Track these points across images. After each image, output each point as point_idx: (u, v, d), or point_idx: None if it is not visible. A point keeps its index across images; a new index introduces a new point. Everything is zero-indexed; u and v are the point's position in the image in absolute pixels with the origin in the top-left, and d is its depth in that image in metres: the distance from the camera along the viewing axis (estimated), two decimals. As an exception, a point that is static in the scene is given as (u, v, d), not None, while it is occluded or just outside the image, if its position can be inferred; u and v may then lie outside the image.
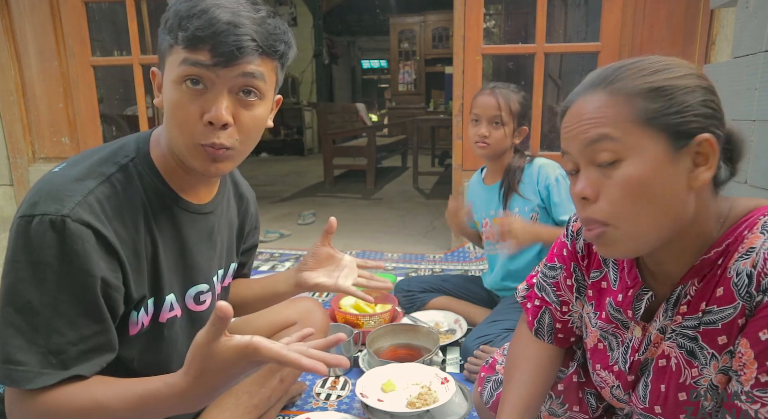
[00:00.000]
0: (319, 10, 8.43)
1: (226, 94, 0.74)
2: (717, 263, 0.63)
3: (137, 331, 0.83)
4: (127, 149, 0.82)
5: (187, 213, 0.87)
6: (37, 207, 0.70)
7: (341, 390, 1.44)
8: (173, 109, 0.75)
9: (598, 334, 0.81)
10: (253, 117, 0.78)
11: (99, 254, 0.71)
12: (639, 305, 0.72)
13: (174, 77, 0.74)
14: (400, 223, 3.59)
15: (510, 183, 1.66)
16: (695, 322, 0.65)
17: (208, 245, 0.93)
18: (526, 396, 0.86)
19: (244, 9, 0.73)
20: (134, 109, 3.36)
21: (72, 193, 0.72)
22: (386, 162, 6.18)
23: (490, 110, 1.60)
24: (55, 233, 0.68)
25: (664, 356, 0.69)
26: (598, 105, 0.62)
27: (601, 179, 0.63)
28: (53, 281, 0.69)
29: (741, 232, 0.62)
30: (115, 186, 0.77)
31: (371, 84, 12.33)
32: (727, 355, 0.62)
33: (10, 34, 3.01)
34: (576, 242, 0.84)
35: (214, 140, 0.75)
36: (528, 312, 0.93)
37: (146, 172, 0.81)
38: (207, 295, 0.95)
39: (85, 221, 0.70)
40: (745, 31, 1.63)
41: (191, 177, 0.86)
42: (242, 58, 0.72)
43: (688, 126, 0.60)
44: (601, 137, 0.61)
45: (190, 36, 0.70)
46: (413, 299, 1.89)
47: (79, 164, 0.77)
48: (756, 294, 0.57)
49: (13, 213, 0.72)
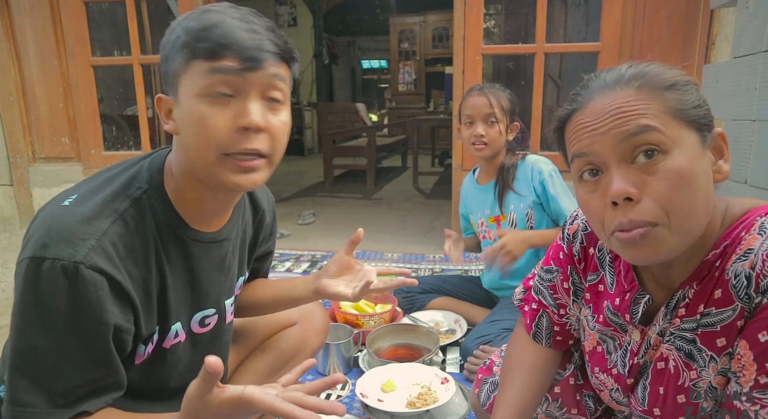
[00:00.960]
0: (319, 10, 8.43)
1: (256, 97, 0.73)
2: (714, 266, 0.63)
3: (142, 360, 0.82)
4: (140, 179, 0.79)
5: (200, 243, 0.85)
6: (48, 249, 0.67)
7: (341, 390, 1.44)
8: (199, 122, 0.72)
9: (597, 337, 0.80)
10: (282, 122, 0.77)
11: (112, 301, 0.70)
12: (636, 309, 0.72)
13: (199, 90, 0.71)
14: (400, 223, 3.59)
15: (504, 181, 1.67)
16: (693, 324, 0.64)
17: (219, 272, 0.91)
18: (520, 400, 0.85)
19: (254, 19, 0.74)
20: (134, 109, 3.36)
21: (85, 236, 0.69)
22: (386, 162, 6.18)
23: (483, 109, 1.62)
24: (67, 279, 0.66)
25: (663, 358, 0.69)
26: (631, 99, 0.60)
27: (641, 175, 0.59)
28: (62, 327, 0.67)
29: (738, 233, 0.62)
30: (128, 223, 0.74)
31: (371, 84, 12.33)
32: (726, 357, 0.62)
33: (10, 33, 3.01)
34: (572, 245, 0.84)
35: (248, 145, 0.72)
36: (525, 316, 0.92)
37: (158, 204, 0.79)
38: (213, 318, 0.93)
39: (99, 268, 0.68)
40: (745, 31, 1.63)
41: (206, 205, 0.83)
42: (267, 61, 0.72)
43: (707, 120, 0.61)
44: (644, 129, 0.58)
45: (212, 46, 0.69)
46: (413, 299, 1.90)
47: (90, 199, 0.74)
48: (755, 296, 0.57)
49: (12, 213, 0.71)
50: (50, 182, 3.17)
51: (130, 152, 3.22)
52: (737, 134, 1.66)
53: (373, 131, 5.42)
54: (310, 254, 2.82)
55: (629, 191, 0.58)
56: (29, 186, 3.19)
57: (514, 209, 1.67)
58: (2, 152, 3.17)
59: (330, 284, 1.01)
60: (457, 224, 2.80)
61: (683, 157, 0.58)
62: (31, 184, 3.19)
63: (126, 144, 3.45)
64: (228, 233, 0.90)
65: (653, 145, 0.58)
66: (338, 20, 10.29)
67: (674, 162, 0.58)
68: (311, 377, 1.50)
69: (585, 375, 0.88)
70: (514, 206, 1.67)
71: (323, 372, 1.52)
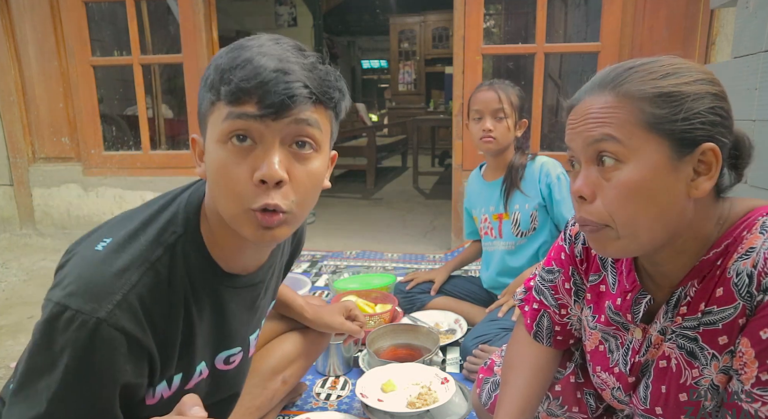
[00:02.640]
0: (319, 10, 8.41)
1: (278, 146, 0.65)
2: (716, 264, 0.63)
3: (155, 402, 0.78)
4: (176, 223, 0.74)
5: (233, 289, 0.81)
6: (72, 299, 0.64)
7: (341, 390, 1.44)
8: (218, 172, 0.66)
9: (599, 336, 0.81)
10: (310, 173, 0.69)
11: (127, 359, 0.66)
12: (638, 308, 0.72)
13: (218, 136, 0.66)
14: (400, 223, 3.59)
15: (512, 179, 1.67)
16: (695, 323, 0.65)
17: (249, 312, 0.88)
18: (522, 398, 0.86)
19: (292, 55, 0.65)
20: (134, 109, 3.36)
21: (113, 290, 0.65)
22: (386, 162, 6.18)
23: (492, 104, 1.61)
24: (85, 334, 0.63)
25: (665, 357, 0.69)
26: (604, 105, 0.62)
27: (599, 179, 0.63)
28: (67, 380, 0.63)
29: (740, 233, 0.62)
30: (159, 273, 0.70)
31: (371, 84, 12.32)
32: (728, 355, 0.62)
33: (10, 34, 3.01)
34: (574, 246, 0.84)
35: (267, 201, 0.65)
36: (526, 315, 0.93)
37: (193, 250, 0.74)
38: (237, 356, 0.90)
39: (120, 327, 0.64)
40: (745, 31, 1.63)
41: (241, 248, 0.78)
42: (294, 107, 0.64)
43: (694, 134, 0.59)
44: (605, 137, 0.61)
45: (233, 89, 0.63)
46: (413, 300, 1.90)
47: (124, 247, 0.70)
48: (757, 294, 0.57)
49: (12, 213, 0.70)
50: (50, 182, 3.17)
51: (130, 152, 3.22)
52: (737, 134, 1.66)
53: (373, 131, 5.42)
54: (310, 254, 2.82)
55: (582, 190, 0.64)
56: (29, 186, 3.19)
57: (519, 210, 1.67)
58: (2, 152, 3.17)
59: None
60: (457, 223, 2.81)
61: (638, 169, 0.60)
62: (31, 184, 3.19)
63: (126, 144, 3.45)
64: (263, 276, 0.86)
65: (610, 153, 0.61)
66: (338, 20, 10.28)
67: (626, 174, 0.61)
68: (311, 377, 1.50)
69: (586, 374, 0.88)
70: (519, 206, 1.67)
71: (323, 372, 1.52)
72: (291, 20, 8.46)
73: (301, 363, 1.22)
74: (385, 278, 2.15)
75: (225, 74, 0.64)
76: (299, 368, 1.22)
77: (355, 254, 2.80)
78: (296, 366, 1.21)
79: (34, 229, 3.22)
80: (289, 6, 8.48)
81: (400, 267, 2.56)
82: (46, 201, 3.19)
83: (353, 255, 2.78)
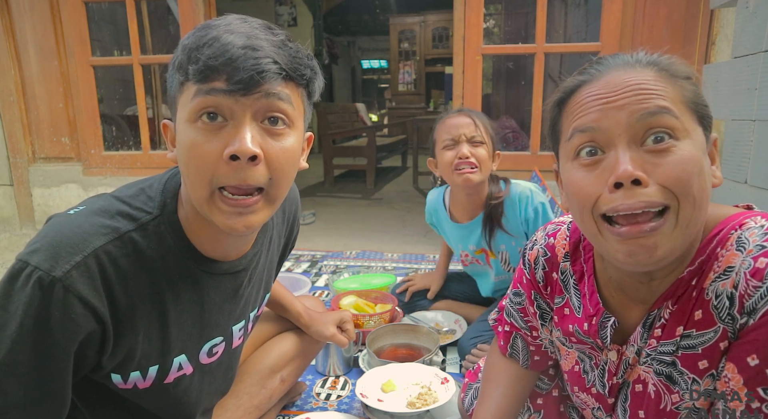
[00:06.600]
0: (319, 10, 8.42)
1: (249, 121, 0.63)
2: (690, 284, 0.59)
3: (129, 387, 0.76)
4: (152, 205, 0.72)
5: (213, 276, 0.78)
6: (33, 256, 0.62)
7: (341, 390, 1.44)
8: (188, 152, 0.64)
9: (576, 355, 0.78)
10: (284, 149, 0.66)
11: (79, 326, 0.64)
12: (604, 332, 0.69)
13: (187, 115, 0.64)
14: (400, 223, 3.59)
15: (494, 220, 1.51)
16: (672, 347, 0.61)
17: (231, 302, 0.85)
18: (498, 410, 0.85)
19: (261, 32, 0.64)
20: (134, 109, 3.36)
21: (74, 250, 0.63)
22: (386, 162, 6.18)
23: (467, 129, 1.43)
24: (39, 292, 0.61)
25: (640, 381, 0.66)
26: (653, 78, 0.56)
27: (650, 160, 0.54)
28: (17, 339, 0.61)
29: (713, 249, 0.58)
30: (126, 247, 0.68)
31: (371, 84, 12.33)
32: (709, 378, 0.59)
33: (10, 33, 3.01)
34: (535, 271, 0.80)
35: (240, 179, 0.63)
36: (499, 337, 0.91)
37: (169, 233, 0.72)
38: (219, 346, 0.88)
39: (74, 290, 0.62)
40: (745, 31, 1.63)
41: (218, 238, 0.76)
42: (264, 83, 0.62)
43: (710, 121, 0.58)
44: (663, 111, 0.54)
45: (202, 67, 0.61)
46: (413, 306, 1.89)
47: (95, 213, 0.68)
48: (739, 317, 0.54)
49: (12, 213, 0.69)
50: (50, 182, 3.17)
51: (130, 152, 3.22)
52: (737, 134, 1.66)
53: (373, 131, 5.42)
54: (310, 254, 2.82)
55: (638, 174, 0.54)
56: (29, 186, 3.19)
57: (507, 249, 1.57)
58: (2, 152, 3.17)
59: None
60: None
61: (694, 148, 0.55)
62: (31, 184, 3.19)
63: (126, 144, 3.45)
64: (247, 264, 0.84)
65: (668, 129, 0.54)
66: (338, 20, 10.29)
67: (687, 149, 0.54)
68: (311, 377, 1.50)
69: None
70: (506, 245, 1.56)
71: (323, 372, 1.52)
72: (291, 20, 8.46)
73: (299, 362, 1.23)
74: (385, 278, 2.15)
75: (192, 53, 0.63)
76: (297, 367, 1.23)
77: (355, 254, 2.80)
78: (294, 365, 1.21)
79: (34, 229, 3.22)
80: (289, 6, 8.48)
81: (400, 267, 2.56)
82: (46, 201, 3.19)
83: (353, 255, 2.78)
